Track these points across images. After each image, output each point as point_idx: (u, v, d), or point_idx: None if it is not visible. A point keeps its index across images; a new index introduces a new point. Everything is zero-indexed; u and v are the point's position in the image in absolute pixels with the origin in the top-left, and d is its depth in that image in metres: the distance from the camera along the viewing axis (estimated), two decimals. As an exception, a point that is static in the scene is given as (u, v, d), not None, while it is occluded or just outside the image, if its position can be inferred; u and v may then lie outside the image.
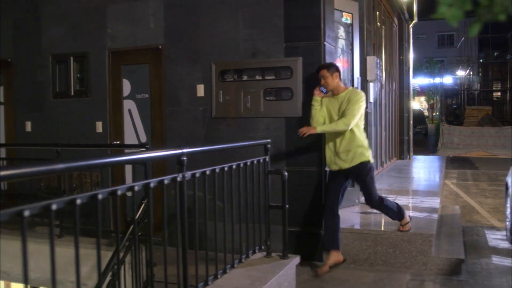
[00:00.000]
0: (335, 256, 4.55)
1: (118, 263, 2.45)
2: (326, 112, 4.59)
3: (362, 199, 6.48)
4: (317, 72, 4.60)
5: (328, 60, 4.97)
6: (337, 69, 4.55)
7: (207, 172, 2.89)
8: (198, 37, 5.39)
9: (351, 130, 4.45)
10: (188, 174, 2.68)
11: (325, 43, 4.92)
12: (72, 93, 6.17)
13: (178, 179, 2.59)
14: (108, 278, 4.01)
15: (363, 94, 4.51)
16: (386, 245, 4.76)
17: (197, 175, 2.79)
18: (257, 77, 5.18)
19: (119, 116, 5.91)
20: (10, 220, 1.62)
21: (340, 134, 4.49)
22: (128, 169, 5.61)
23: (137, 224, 4.12)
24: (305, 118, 4.91)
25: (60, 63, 6.26)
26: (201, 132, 5.39)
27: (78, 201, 1.92)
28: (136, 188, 2.26)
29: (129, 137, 5.86)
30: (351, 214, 5.70)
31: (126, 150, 5.48)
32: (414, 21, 11.86)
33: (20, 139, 6.44)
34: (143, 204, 4.02)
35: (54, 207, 1.80)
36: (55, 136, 6.04)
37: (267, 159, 3.77)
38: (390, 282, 4.41)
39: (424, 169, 11.00)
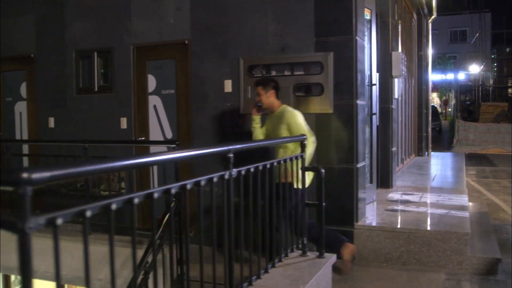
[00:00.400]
0: (347, 249, 4.36)
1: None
2: (266, 129, 4.54)
3: (389, 195, 6.40)
4: (254, 86, 4.56)
5: (359, 55, 4.87)
6: (274, 87, 4.46)
7: (251, 170, 2.81)
8: (225, 31, 5.30)
9: (287, 149, 4.28)
10: (234, 172, 2.60)
11: (357, 38, 4.81)
12: (96, 89, 6.12)
13: (226, 176, 2.52)
14: (140, 277, 3.97)
15: (295, 111, 4.36)
16: (420, 244, 4.66)
17: (243, 172, 2.71)
18: (286, 73, 5.09)
19: (144, 112, 5.84)
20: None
21: (285, 150, 4.31)
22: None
23: (168, 223, 4.08)
24: (336, 114, 4.83)
25: (83, 58, 6.20)
26: (229, 128, 5.31)
27: (136, 200, 1.86)
28: (188, 186, 2.19)
29: (154, 134, 5.79)
30: (378, 212, 5.60)
31: (153, 147, 5.42)
32: (433, 16, 11.68)
33: (43, 135, 6.40)
34: (174, 202, 3.96)
35: (114, 206, 1.74)
36: (79, 132, 5.99)
37: (303, 156, 3.69)
38: (425, 281, 4.31)
39: (444, 166, 10.86)
